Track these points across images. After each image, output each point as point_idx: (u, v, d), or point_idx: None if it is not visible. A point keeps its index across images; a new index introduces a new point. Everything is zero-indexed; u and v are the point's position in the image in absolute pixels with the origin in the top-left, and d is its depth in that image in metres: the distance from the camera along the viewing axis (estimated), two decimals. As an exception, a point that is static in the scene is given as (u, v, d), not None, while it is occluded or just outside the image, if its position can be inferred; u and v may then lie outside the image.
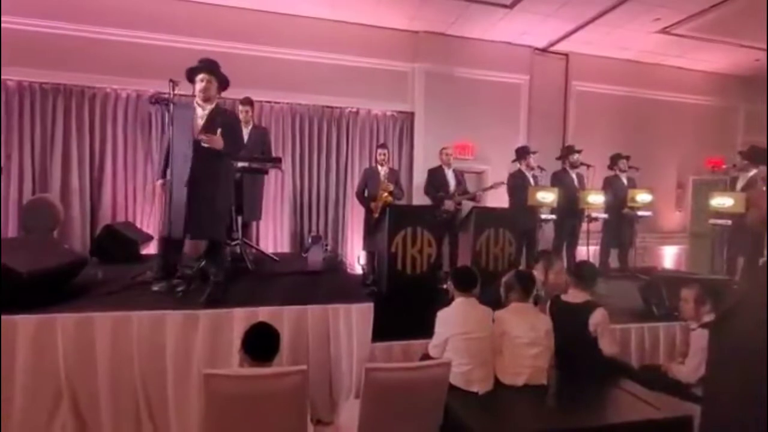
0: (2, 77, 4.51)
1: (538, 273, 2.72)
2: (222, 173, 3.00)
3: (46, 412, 2.28)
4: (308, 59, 5.33)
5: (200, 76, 2.92)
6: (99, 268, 3.36)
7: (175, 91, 2.82)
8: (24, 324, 2.26)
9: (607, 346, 2.48)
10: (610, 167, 5.26)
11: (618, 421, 2.12)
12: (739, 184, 4.48)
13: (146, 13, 4.83)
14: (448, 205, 4.54)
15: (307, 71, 5.33)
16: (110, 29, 4.74)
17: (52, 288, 2.60)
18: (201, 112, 2.93)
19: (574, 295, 2.62)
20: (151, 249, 4.40)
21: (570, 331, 2.51)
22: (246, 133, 4.24)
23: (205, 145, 2.78)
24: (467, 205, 4.69)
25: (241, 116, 4.24)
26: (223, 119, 3.01)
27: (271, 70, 5.21)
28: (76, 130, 4.75)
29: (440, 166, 4.83)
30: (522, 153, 4.96)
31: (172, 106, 2.79)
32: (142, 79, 4.65)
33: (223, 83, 3.08)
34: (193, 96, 2.96)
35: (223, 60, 4.79)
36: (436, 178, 4.80)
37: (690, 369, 2.46)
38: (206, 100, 2.94)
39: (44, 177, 4.68)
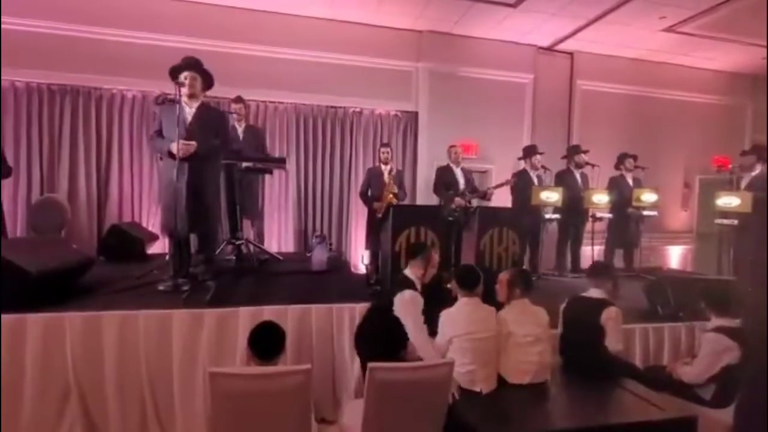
0: (11, 79, 4.56)
1: (416, 268, 2.52)
2: (209, 171, 3.05)
3: (55, 409, 2.31)
4: (312, 59, 5.35)
5: (184, 74, 2.95)
6: (106, 267, 3.40)
7: (181, 92, 2.87)
8: (33, 323, 2.29)
9: (612, 343, 2.48)
10: (617, 166, 5.23)
11: (622, 421, 2.11)
12: (743, 184, 4.46)
13: (152, 15, 4.87)
14: (458, 203, 4.53)
15: (311, 71, 5.35)
16: (116, 30, 4.79)
17: (60, 287, 2.64)
18: (188, 110, 2.97)
19: (592, 293, 2.65)
20: (156, 248, 4.44)
21: (581, 324, 2.53)
22: (240, 131, 4.28)
23: (182, 154, 2.80)
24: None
25: (235, 115, 4.27)
26: (210, 117, 3.06)
27: (276, 71, 5.24)
28: (83, 130, 4.80)
29: (448, 165, 4.79)
30: (528, 152, 4.95)
31: (177, 106, 2.84)
32: (147, 80, 4.69)
33: (208, 80, 3.11)
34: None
35: (229, 60, 4.93)
36: (445, 176, 4.75)
37: (698, 371, 2.44)
38: (191, 97, 2.98)
39: (52, 177, 4.74)
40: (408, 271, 2.54)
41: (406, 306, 2.35)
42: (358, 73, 5.52)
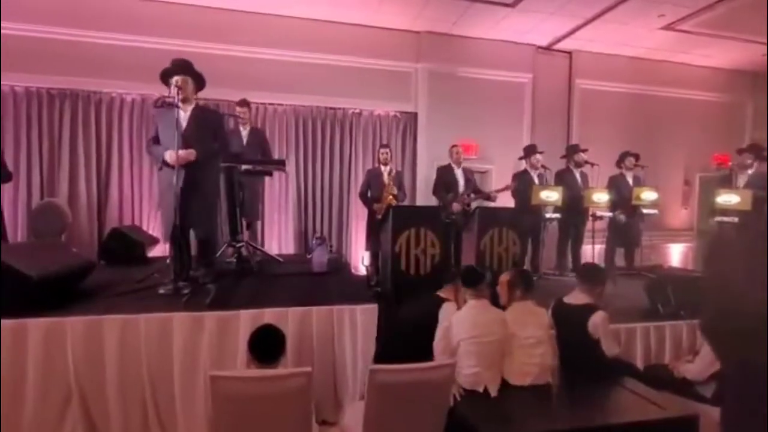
0: (10, 83, 4.58)
1: (446, 294, 2.59)
2: (208, 173, 3.05)
3: (56, 413, 2.31)
4: (311, 61, 5.36)
5: (175, 78, 2.95)
6: (107, 270, 3.39)
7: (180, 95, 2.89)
8: (34, 327, 2.29)
9: (609, 349, 2.46)
10: (618, 165, 5.22)
11: (623, 420, 2.11)
12: (741, 182, 4.45)
13: (151, 18, 4.88)
14: (456, 207, 4.54)
15: (310, 73, 5.36)
16: (115, 34, 4.80)
17: (61, 291, 2.64)
18: (183, 114, 2.97)
19: (576, 297, 2.61)
20: (157, 251, 4.44)
21: (571, 333, 2.51)
22: (245, 134, 4.29)
23: (180, 163, 2.78)
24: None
25: (240, 118, 4.28)
26: (205, 119, 3.06)
27: (275, 73, 5.25)
28: (83, 134, 4.81)
29: (449, 165, 4.80)
30: (528, 152, 4.95)
31: (176, 110, 2.84)
32: (147, 83, 4.67)
33: (199, 82, 3.11)
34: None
35: (228, 63, 4.94)
36: (445, 176, 4.76)
37: (700, 368, 2.43)
38: (184, 100, 2.97)
39: (52, 181, 4.75)
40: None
41: (446, 312, 2.43)
42: (357, 74, 5.52)
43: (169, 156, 2.79)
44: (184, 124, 2.96)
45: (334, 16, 5.27)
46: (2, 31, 4.36)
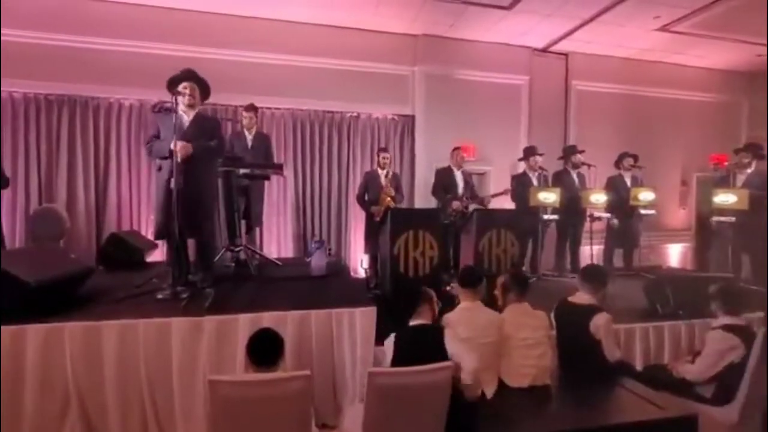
0: (9, 90, 4.58)
1: (424, 317, 2.30)
2: (205, 175, 3.07)
3: (55, 419, 2.30)
4: (309, 65, 5.38)
5: (183, 84, 2.99)
6: (105, 276, 3.38)
7: (179, 101, 2.90)
8: (32, 333, 2.29)
9: (610, 352, 2.45)
10: (617, 165, 5.23)
11: (623, 421, 2.11)
12: (739, 181, 4.47)
13: (148, 23, 4.89)
14: (456, 206, 4.54)
15: (307, 77, 5.38)
16: (113, 40, 4.81)
17: (60, 297, 2.64)
18: (186, 119, 3.02)
19: (580, 297, 2.61)
20: (155, 256, 4.44)
21: (573, 332, 2.51)
22: (249, 139, 4.30)
23: (179, 156, 2.80)
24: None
25: (245, 122, 4.31)
26: (204, 123, 3.10)
27: (273, 77, 5.26)
28: (81, 140, 4.82)
29: (449, 167, 4.81)
30: (528, 153, 4.96)
31: (174, 115, 2.85)
32: (145, 89, 4.70)
33: (205, 89, 3.16)
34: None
35: (225, 67, 4.95)
36: (444, 178, 4.78)
37: (700, 368, 2.43)
38: (190, 106, 3.02)
39: (50, 187, 4.75)
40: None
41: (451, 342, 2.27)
42: (355, 77, 5.54)
43: (173, 145, 2.80)
44: (185, 128, 2.98)
45: (331, 19, 5.29)
46: (1, 37, 4.36)
